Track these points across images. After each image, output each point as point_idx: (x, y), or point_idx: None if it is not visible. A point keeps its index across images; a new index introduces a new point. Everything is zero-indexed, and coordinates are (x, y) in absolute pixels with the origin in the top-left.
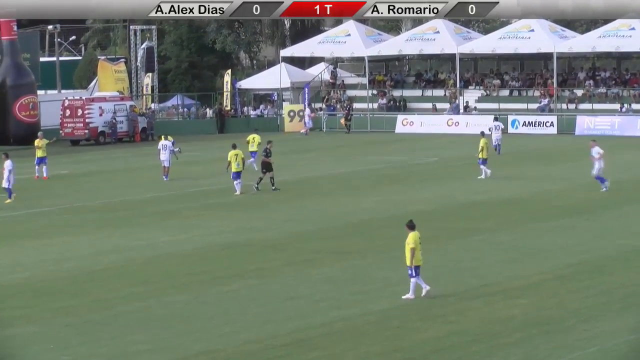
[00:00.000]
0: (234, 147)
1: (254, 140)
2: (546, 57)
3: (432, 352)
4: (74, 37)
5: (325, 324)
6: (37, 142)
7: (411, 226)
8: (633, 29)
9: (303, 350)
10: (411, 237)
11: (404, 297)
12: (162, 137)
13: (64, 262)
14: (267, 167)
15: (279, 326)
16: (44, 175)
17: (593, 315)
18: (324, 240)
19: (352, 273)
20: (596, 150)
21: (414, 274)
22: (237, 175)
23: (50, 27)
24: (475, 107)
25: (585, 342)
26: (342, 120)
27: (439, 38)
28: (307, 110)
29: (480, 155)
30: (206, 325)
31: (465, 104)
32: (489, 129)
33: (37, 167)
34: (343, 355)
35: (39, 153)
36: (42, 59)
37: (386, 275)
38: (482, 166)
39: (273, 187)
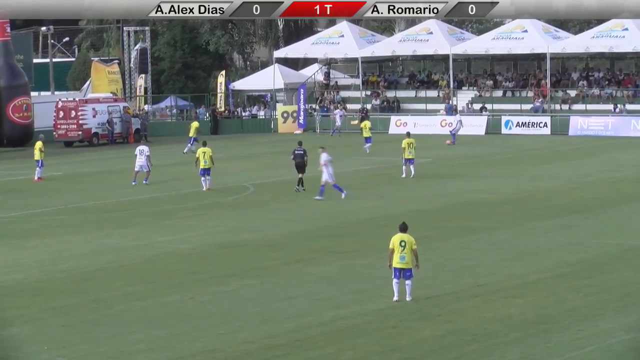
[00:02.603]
0: (204, 144)
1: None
2: (539, 57)
3: (430, 351)
4: (67, 39)
5: (324, 324)
6: (40, 145)
7: (401, 228)
8: (626, 29)
9: (301, 349)
10: (392, 239)
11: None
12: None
13: (61, 262)
14: (301, 168)
15: (277, 326)
16: (39, 176)
17: (592, 314)
18: (323, 240)
19: (351, 272)
20: (324, 158)
21: (393, 276)
22: (205, 171)
23: (43, 28)
24: (485, 108)
25: (584, 341)
26: (355, 122)
27: (433, 39)
28: (338, 111)
29: (404, 155)
30: (204, 324)
31: (481, 106)
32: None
33: (38, 169)
34: (341, 355)
35: (43, 156)
36: (35, 61)
37: (385, 274)
38: (410, 165)
39: (302, 188)
